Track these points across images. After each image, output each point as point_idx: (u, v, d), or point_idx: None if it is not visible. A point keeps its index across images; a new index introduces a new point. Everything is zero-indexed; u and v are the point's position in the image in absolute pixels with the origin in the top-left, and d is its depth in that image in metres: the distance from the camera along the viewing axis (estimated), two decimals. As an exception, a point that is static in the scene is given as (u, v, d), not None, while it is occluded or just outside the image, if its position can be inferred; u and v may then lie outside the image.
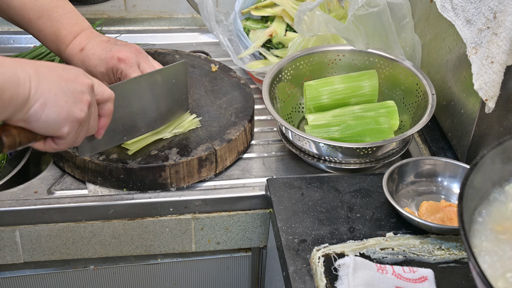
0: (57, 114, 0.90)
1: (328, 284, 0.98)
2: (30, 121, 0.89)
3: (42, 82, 0.88)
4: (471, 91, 1.19)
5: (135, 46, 1.22)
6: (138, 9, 1.82)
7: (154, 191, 1.22)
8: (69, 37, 1.21)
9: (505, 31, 1.03)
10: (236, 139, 1.27)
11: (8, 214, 1.17)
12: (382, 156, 1.26)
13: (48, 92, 0.88)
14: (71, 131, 0.93)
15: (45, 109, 0.88)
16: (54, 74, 0.90)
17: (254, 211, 1.25)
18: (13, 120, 0.88)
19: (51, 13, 1.20)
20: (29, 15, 1.19)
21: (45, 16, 1.19)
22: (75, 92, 0.92)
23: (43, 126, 0.90)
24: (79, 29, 1.22)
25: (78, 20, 1.22)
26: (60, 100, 0.89)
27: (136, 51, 1.20)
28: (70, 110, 0.91)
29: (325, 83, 1.38)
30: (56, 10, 1.20)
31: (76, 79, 0.93)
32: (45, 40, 1.22)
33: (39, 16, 1.19)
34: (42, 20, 1.20)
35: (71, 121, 0.92)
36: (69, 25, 1.21)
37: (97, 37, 1.22)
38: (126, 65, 1.17)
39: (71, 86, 0.91)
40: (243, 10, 1.62)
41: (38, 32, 1.21)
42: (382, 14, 1.31)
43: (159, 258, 1.32)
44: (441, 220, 1.09)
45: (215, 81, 1.42)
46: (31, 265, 1.28)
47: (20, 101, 0.85)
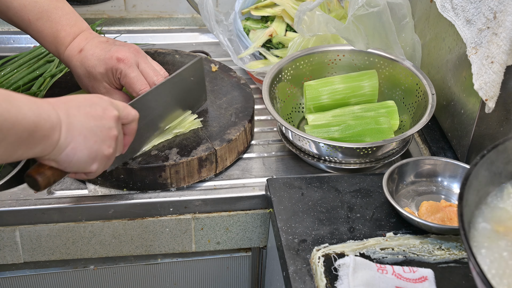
0: (87, 155, 0.95)
1: (328, 284, 0.98)
2: (61, 163, 0.93)
3: (72, 125, 0.91)
4: (471, 91, 1.19)
5: (133, 46, 1.22)
6: (138, 9, 1.82)
7: (154, 191, 1.22)
8: (68, 38, 1.21)
9: (505, 31, 1.03)
10: (236, 139, 1.27)
11: (8, 214, 1.17)
12: (382, 156, 1.26)
13: (78, 135, 0.92)
14: (100, 166, 0.98)
15: (76, 152, 0.93)
16: (83, 114, 0.94)
17: (254, 211, 1.25)
18: (44, 159, 0.92)
19: (50, 14, 1.20)
20: (28, 16, 1.19)
21: (44, 17, 1.20)
22: (103, 130, 0.96)
23: (74, 167, 0.95)
24: (78, 30, 1.22)
25: (77, 21, 1.23)
26: (89, 141, 0.94)
27: (135, 51, 1.21)
28: (99, 149, 0.96)
29: (325, 83, 1.38)
30: (56, 12, 1.21)
31: (103, 115, 0.96)
32: (44, 41, 1.22)
33: (39, 18, 1.20)
34: (41, 21, 1.20)
35: (100, 158, 0.97)
36: (68, 26, 1.21)
37: (95, 38, 1.22)
38: (125, 65, 1.18)
39: (100, 124, 0.95)
40: (243, 10, 1.62)
41: (37, 33, 1.22)
42: (382, 14, 1.31)
43: (159, 258, 1.32)
44: (441, 220, 1.09)
45: (215, 81, 1.42)
46: (31, 265, 1.28)
47: (49, 143, 0.89)
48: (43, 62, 1.53)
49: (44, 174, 0.94)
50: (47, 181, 0.95)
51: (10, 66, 1.52)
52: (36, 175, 0.94)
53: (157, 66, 1.23)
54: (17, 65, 1.52)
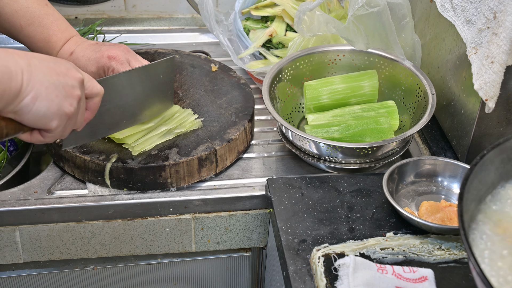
0: (48, 107, 0.90)
1: (328, 284, 0.98)
2: (20, 113, 0.89)
3: (34, 75, 0.88)
4: (471, 91, 1.19)
5: (123, 45, 1.24)
6: (138, 9, 1.82)
7: (154, 191, 1.22)
8: (59, 43, 1.23)
9: (505, 31, 1.03)
10: (236, 139, 1.27)
11: (8, 214, 1.17)
12: (382, 156, 1.26)
13: (39, 85, 0.89)
14: (60, 124, 0.93)
15: (36, 102, 0.89)
16: (46, 67, 0.91)
17: (254, 211, 1.25)
18: (3, 111, 0.88)
19: (42, 20, 1.22)
20: (20, 22, 1.20)
21: (36, 23, 1.21)
22: (66, 87, 0.92)
23: (32, 118, 0.90)
24: (69, 35, 1.24)
25: (67, 27, 1.25)
26: (51, 93, 0.90)
27: (125, 49, 1.23)
28: (60, 104, 0.92)
29: (325, 83, 1.38)
30: (47, 17, 1.22)
31: (67, 73, 0.93)
32: (36, 47, 1.24)
33: (30, 23, 1.21)
34: (33, 26, 1.21)
35: (61, 115, 0.92)
36: (59, 32, 1.23)
37: (85, 42, 1.24)
38: (117, 62, 1.19)
39: (62, 80, 0.92)
40: (243, 10, 1.62)
41: (28, 38, 1.23)
42: (382, 14, 1.31)
43: (159, 258, 1.32)
44: (441, 220, 1.09)
45: (215, 81, 1.42)
46: (31, 265, 1.28)
47: (12, 94, 0.86)
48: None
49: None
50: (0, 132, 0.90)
51: (10, 66, 1.51)
52: None
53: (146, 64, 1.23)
54: (17, 65, 1.52)
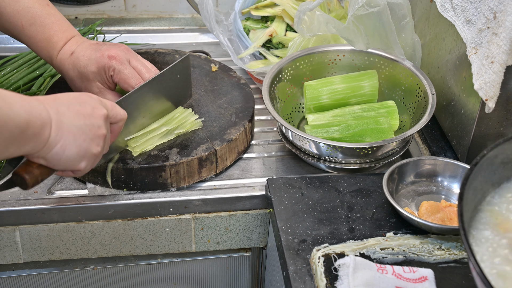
0: (77, 153, 0.95)
1: (328, 284, 0.98)
2: (50, 161, 0.94)
3: (62, 123, 0.92)
4: (471, 91, 1.19)
5: (123, 45, 1.25)
6: (138, 9, 1.82)
7: (154, 191, 1.22)
8: (60, 43, 1.23)
9: (505, 31, 1.03)
10: (236, 139, 1.27)
11: (8, 214, 1.17)
12: (382, 156, 1.26)
13: (67, 133, 0.93)
14: (88, 164, 0.99)
15: (65, 150, 0.93)
16: (73, 112, 0.95)
17: (254, 211, 1.25)
18: (34, 156, 0.93)
19: (43, 20, 1.22)
20: (21, 22, 1.21)
21: (37, 23, 1.22)
22: (92, 129, 0.97)
23: (63, 164, 0.95)
24: (70, 35, 1.25)
25: (68, 27, 1.26)
26: (78, 139, 0.95)
27: (125, 49, 1.23)
28: (88, 147, 0.97)
29: (325, 83, 1.38)
30: (48, 17, 1.23)
31: (93, 114, 0.97)
32: (37, 47, 1.24)
33: (32, 23, 1.22)
34: (34, 26, 1.22)
35: (89, 156, 0.98)
36: (60, 32, 1.23)
37: (86, 42, 1.25)
38: (118, 62, 1.20)
39: (89, 123, 0.96)
40: (243, 10, 1.62)
41: (30, 38, 1.23)
42: (382, 14, 1.31)
43: (159, 258, 1.32)
44: (441, 220, 1.09)
45: (215, 81, 1.42)
46: (31, 265, 1.28)
47: (40, 140, 0.89)
48: (43, 62, 1.53)
49: (32, 173, 0.95)
50: (35, 179, 0.95)
51: (10, 66, 1.52)
52: (24, 174, 0.95)
53: (147, 64, 1.25)
54: (17, 65, 1.52)
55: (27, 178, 0.95)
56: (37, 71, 1.51)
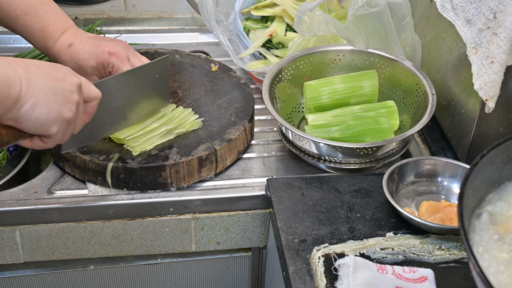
0: (47, 114, 0.91)
1: (328, 284, 0.98)
2: (20, 120, 0.90)
3: (32, 82, 0.89)
4: (471, 91, 1.19)
5: (123, 41, 1.24)
6: (138, 9, 1.82)
7: (154, 191, 1.22)
8: (57, 34, 1.22)
9: (505, 31, 1.03)
10: (236, 139, 1.27)
11: (8, 214, 1.17)
12: (382, 156, 1.26)
13: (38, 92, 0.89)
14: (60, 130, 0.94)
15: (35, 109, 0.89)
16: (44, 74, 0.91)
17: (254, 211, 1.25)
18: (3, 119, 0.89)
19: (38, 9, 1.21)
20: (16, 11, 1.20)
21: (32, 12, 1.20)
22: (64, 92, 0.93)
23: (32, 125, 0.91)
24: (66, 26, 1.23)
25: (64, 17, 1.24)
26: (50, 100, 0.90)
27: (125, 45, 1.23)
28: (60, 110, 0.92)
29: (325, 83, 1.38)
30: (43, 7, 1.22)
31: (65, 79, 0.94)
32: (32, 37, 1.23)
33: (26, 13, 1.20)
34: (29, 16, 1.20)
35: (60, 120, 0.93)
36: (56, 22, 1.22)
37: (84, 34, 1.24)
38: (117, 59, 1.19)
39: (61, 86, 0.92)
40: (243, 10, 1.62)
41: (25, 28, 1.22)
42: (382, 14, 1.31)
43: (159, 258, 1.32)
44: (441, 220, 1.09)
45: (215, 81, 1.42)
46: (31, 265, 1.28)
47: (11, 101, 0.86)
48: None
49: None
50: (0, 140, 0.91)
51: (10, 66, 1.52)
52: None
53: (146, 61, 1.24)
54: (17, 65, 1.52)
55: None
56: (37, 71, 1.51)
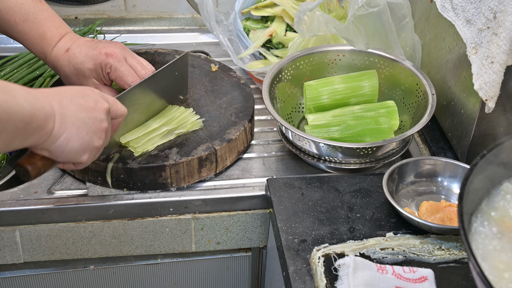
0: (79, 146, 0.96)
1: (328, 284, 0.98)
2: (53, 153, 0.95)
3: (66, 116, 0.93)
4: (471, 91, 1.19)
5: (119, 43, 1.26)
6: (138, 9, 1.82)
7: (154, 191, 1.22)
8: (55, 39, 1.24)
9: (505, 31, 1.03)
10: (236, 139, 1.27)
11: (8, 214, 1.17)
12: (382, 156, 1.26)
13: (71, 126, 0.94)
14: (90, 157, 1.00)
15: (68, 142, 0.94)
16: (76, 105, 0.95)
17: (254, 211, 1.25)
18: (37, 148, 0.93)
19: (36, 16, 1.22)
20: (14, 18, 1.21)
21: (30, 19, 1.22)
22: (95, 122, 0.98)
23: (66, 156, 0.96)
24: (63, 31, 1.25)
25: (61, 23, 1.26)
26: (81, 132, 0.95)
27: (121, 47, 1.24)
28: (90, 140, 0.97)
29: (325, 83, 1.38)
30: (41, 13, 1.23)
31: (95, 107, 0.98)
32: (30, 43, 1.24)
33: (25, 19, 1.22)
34: (27, 23, 1.22)
35: (91, 149, 0.99)
36: (54, 28, 1.24)
37: (81, 38, 1.25)
38: (115, 59, 1.21)
39: (91, 116, 0.97)
40: (243, 10, 1.62)
41: (23, 35, 1.23)
42: (382, 14, 1.31)
43: (159, 258, 1.32)
44: (441, 220, 1.09)
45: (215, 81, 1.42)
46: (31, 265, 1.28)
47: (44, 132, 0.90)
48: (43, 62, 1.53)
49: (35, 164, 0.95)
50: (37, 171, 0.96)
51: (10, 66, 1.52)
52: (27, 165, 0.95)
53: (143, 61, 1.26)
54: (17, 65, 1.52)
55: (30, 170, 0.95)
56: (37, 71, 1.51)
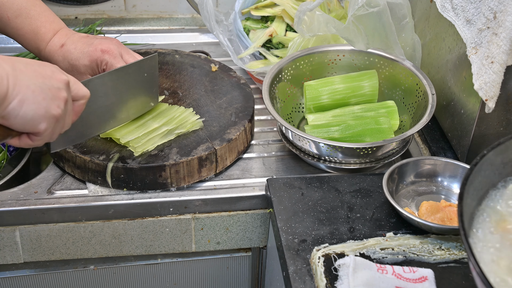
0: (35, 110, 0.90)
1: (328, 284, 0.98)
2: (8, 117, 0.89)
3: (19, 79, 0.89)
4: (471, 91, 1.19)
5: (115, 39, 1.25)
6: (138, 9, 1.82)
7: (154, 191, 1.22)
8: (49, 35, 1.23)
9: (505, 31, 1.03)
10: (236, 138, 1.27)
11: (8, 214, 1.17)
12: (382, 156, 1.26)
13: (26, 89, 0.89)
14: (48, 127, 0.94)
15: (23, 105, 0.89)
16: (31, 71, 0.91)
17: (254, 211, 1.25)
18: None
19: (29, 11, 1.21)
20: (7, 14, 1.20)
21: (23, 14, 1.21)
22: (52, 89, 0.92)
23: (20, 122, 0.91)
24: (57, 27, 1.24)
25: (55, 18, 1.24)
26: (37, 96, 0.90)
27: (117, 43, 1.23)
28: (48, 106, 0.92)
29: (325, 83, 1.38)
30: (34, 9, 1.22)
31: (53, 76, 0.94)
32: (23, 39, 1.23)
33: (18, 15, 1.21)
34: (20, 18, 1.21)
35: (48, 117, 0.93)
36: (47, 23, 1.23)
37: (75, 34, 1.24)
38: (111, 56, 1.20)
39: (48, 83, 0.92)
40: (243, 10, 1.62)
41: (16, 30, 1.22)
42: (382, 14, 1.31)
43: (159, 258, 1.32)
44: (441, 220, 1.09)
45: (215, 81, 1.42)
46: (31, 265, 1.28)
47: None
48: (43, 62, 1.53)
49: None
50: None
51: (10, 66, 1.52)
52: None
53: (139, 57, 1.25)
54: (17, 65, 1.52)
55: None
56: (37, 71, 1.51)
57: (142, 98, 1.25)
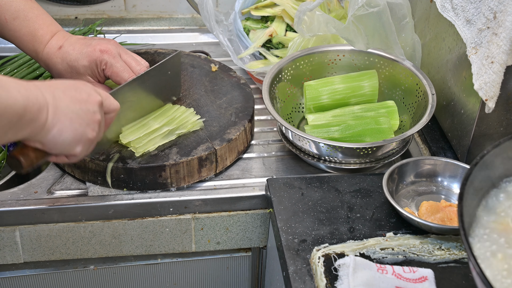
0: (72, 137, 0.96)
1: (328, 284, 0.98)
2: (46, 144, 0.94)
3: (58, 107, 0.93)
4: (471, 91, 1.19)
5: (112, 40, 1.26)
6: (138, 9, 1.82)
7: (154, 191, 1.22)
8: (46, 37, 1.23)
9: (505, 31, 1.03)
10: (236, 139, 1.27)
11: (8, 214, 1.17)
12: (382, 156, 1.26)
13: (64, 118, 0.93)
14: (84, 149, 0.99)
15: (62, 134, 0.94)
16: (69, 97, 0.95)
17: (254, 211, 1.25)
18: (30, 141, 0.93)
19: (26, 14, 1.22)
20: (4, 16, 1.21)
21: (21, 16, 1.22)
22: (88, 113, 0.98)
23: (59, 148, 0.96)
24: (55, 29, 1.25)
25: (52, 21, 1.26)
26: (74, 123, 0.95)
27: (115, 43, 1.25)
28: (84, 131, 0.97)
29: (325, 83, 1.38)
30: (32, 11, 1.23)
31: (88, 99, 0.98)
32: (21, 41, 1.24)
33: (15, 17, 1.21)
34: (18, 20, 1.22)
35: (84, 141, 0.98)
36: (45, 25, 1.23)
37: (73, 36, 1.25)
38: (110, 56, 1.21)
39: (84, 107, 0.97)
40: (243, 10, 1.62)
41: (14, 33, 1.23)
42: (382, 14, 1.31)
43: (159, 258, 1.32)
44: (441, 220, 1.09)
45: (215, 81, 1.42)
46: (31, 265, 1.28)
47: (38, 125, 0.90)
48: (43, 62, 1.53)
49: (28, 156, 0.95)
50: (30, 162, 0.96)
51: (10, 66, 1.52)
52: (20, 156, 0.95)
53: (137, 57, 1.26)
54: (17, 65, 1.52)
55: (22, 161, 0.95)
56: (37, 71, 1.51)
57: (165, 95, 1.31)
